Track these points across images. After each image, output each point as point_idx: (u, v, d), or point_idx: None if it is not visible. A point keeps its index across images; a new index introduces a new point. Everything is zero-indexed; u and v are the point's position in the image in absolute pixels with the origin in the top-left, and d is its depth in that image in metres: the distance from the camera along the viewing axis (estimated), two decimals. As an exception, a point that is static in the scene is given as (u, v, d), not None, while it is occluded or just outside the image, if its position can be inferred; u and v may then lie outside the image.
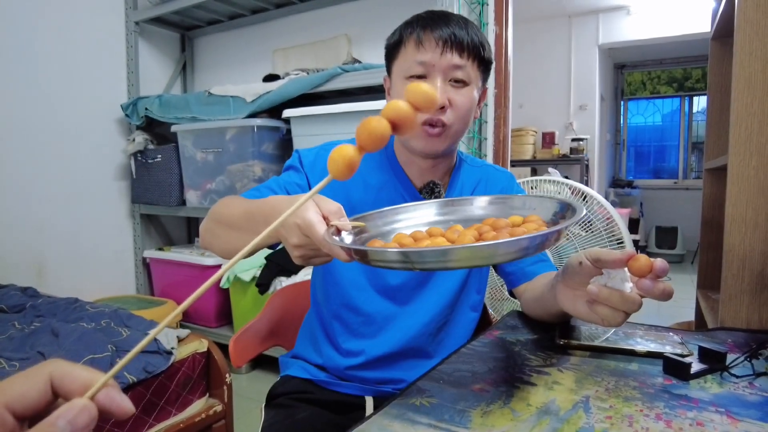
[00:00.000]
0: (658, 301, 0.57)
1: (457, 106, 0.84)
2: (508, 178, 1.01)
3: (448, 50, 0.82)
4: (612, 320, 0.59)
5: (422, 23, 0.84)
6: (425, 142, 0.85)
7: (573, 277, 0.64)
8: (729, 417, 0.54)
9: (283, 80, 2.23)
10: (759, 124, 0.99)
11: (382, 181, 0.92)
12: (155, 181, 2.64)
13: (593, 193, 1.61)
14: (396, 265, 0.52)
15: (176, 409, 1.49)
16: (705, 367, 0.65)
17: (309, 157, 0.93)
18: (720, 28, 1.54)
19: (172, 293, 2.69)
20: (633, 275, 0.58)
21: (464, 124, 0.87)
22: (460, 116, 0.85)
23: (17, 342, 1.46)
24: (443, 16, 0.84)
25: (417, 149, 0.87)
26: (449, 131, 0.85)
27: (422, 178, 0.93)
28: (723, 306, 1.03)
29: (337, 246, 0.54)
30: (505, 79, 2.02)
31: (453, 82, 0.84)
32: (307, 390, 0.93)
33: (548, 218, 0.63)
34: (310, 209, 0.57)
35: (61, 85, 2.46)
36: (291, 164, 0.94)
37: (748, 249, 1.00)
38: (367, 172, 0.92)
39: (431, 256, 0.50)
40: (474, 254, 0.49)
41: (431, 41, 0.82)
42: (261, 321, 1.12)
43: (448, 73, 0.83)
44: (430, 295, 0.93)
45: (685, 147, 6.19)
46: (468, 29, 0.84)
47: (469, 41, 0.83)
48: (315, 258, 0.60)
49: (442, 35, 0.82)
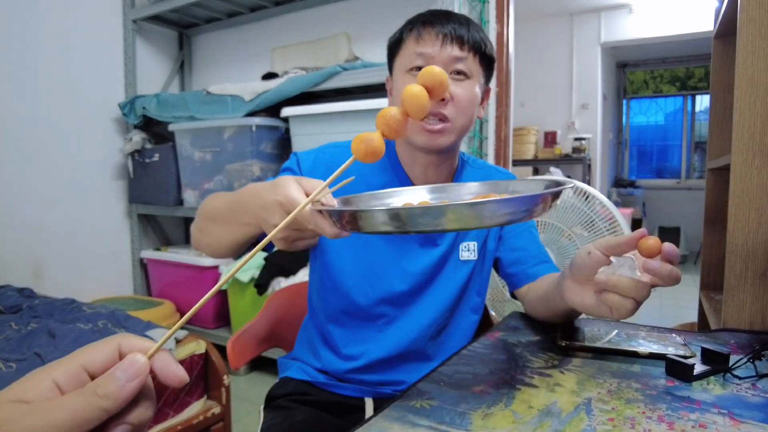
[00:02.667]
0: (666, 285, 0.56)
1: (458, 100, 0.83)
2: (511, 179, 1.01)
3: (448, 44, 0.82)
4: (622, 308, 0.58)
5: (423, 20, 0.84)
6: (427, 137, 0.84)
7: (581, 269, 0.64)
8: (732, 419, 0.54)
9: (282, 79, 2.22)
10: (762, 123, 0.99)
11: (383, 184, 0.91)
12: (153, 180, 2.63)
13: (595, 192, 1.60)
14: (387, 227, 0.50)
15: (174, 410, 1.49)
16: (708, 369, 0.65)
17: (308, 160, 0.91)
18: (723, 26, 1.53)
19: (170, 294, 2.68)
20: (642, 255, 0.58)
21: (467, 119, 0.86)
22: (461, 110, 0.84)
23: (14, 343, 1.46)
24: (445, 14, 0.84)
25: (419, 144, 0.85)
26: (452, 126, 0.84)
27: (425, 179, 0.92)
28: (726, 307, 1.02)
29: (323, 219, 0.53)
30: (506, 77, 2.01)
31: (454, 75, 0.83)
32: (306, 392, 0.92)
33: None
34: (292, 186, 0.55)
35: (58, 83, 2.45)
36: (288, 167, 0.93)
37: (752, 249, 0.99)
38: (369, 174, 0.91)
39: (424, 215, 0.49)
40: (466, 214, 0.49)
41: (431, 35, 0.82)
42: (259, 322, 1.11)
43: (449, 66, 0.82)
44: (431, 299, 0.92)
45: (687, 146, 6.19)
46: (469, 27, 0.84)
47: (470, 37, 0.83)
48: (299, 240, 0.58)
49: (442, 30, 0.82)
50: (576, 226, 1.60)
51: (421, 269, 0.91)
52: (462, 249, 0.93)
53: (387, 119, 0.45)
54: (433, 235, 0.91)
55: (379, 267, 0.90)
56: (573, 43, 4.93)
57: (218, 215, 0.72)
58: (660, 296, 4.06)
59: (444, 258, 0.92)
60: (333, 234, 0.53)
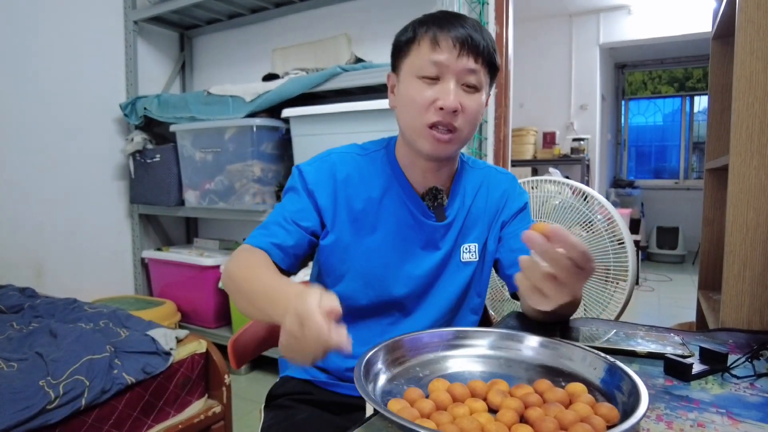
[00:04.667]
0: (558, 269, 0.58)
1: (468, 112, 0.83)
2: (510, 180, 1.01)
3: (464, 53, 0.80)
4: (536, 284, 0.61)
5: (438, 23, 0.82)
6: (434, 146, 0.84)
7: (523, 279, 0.64)
8: (730, 418, 0.54)
9: (283, 80, 2.22)
10: (760, 124, 0.99)
11: (383, 188, 0.91)
12: (154, 181, 2.63)
13: (594, 193, 1.60)
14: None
15: (175, 410, 1.49)
16: (706, 368, 0.65)
17: (311, 173, 0.90)
18: (721, 27, 1.53)
19: (171, 293, 2.68)
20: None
21: (473, 129, 0.86)
22: (469, 121, 0.84)
23: (15, 342, 1.46)
24: (459, 18, 0.83)
25: (424, 151, 0.85)
26: (459, 136, 0.84)
27: (424, 183, 0.91)
28: (724, 307, 1.03)
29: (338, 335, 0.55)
30: (505, 78, 2.02)
31: (465, 87, 0.82)
32: (307, 391, 0.93)
33: (597, 378, 0.61)
34: (313, 301, 0.56)
35: (59, 84, 2.45)
36: (292, 185, 0.92)
37: (750, 249, 1.00)
38: (369, 178, 0.91)
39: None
40: None
41: (448, 41, 0.80)
42: (260, 322, 1.11)
43: (462, 77, 0.82)
44: (433, 300, 0.92)
45: (686, 147, 6.19)
46: (482, 33, 0.83)
47: (484, 45, 0.82)
48: (296, 352, 0.58)
49: (458, 36, 0.80)
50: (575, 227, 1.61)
51: (423, 272, 0.91)
52: (463, 251, 0.93)
53: None
54: (436, 238, 0.92)
55: (381, 271, 0.90)
56: (572, 44, 4.93)
57: (253, 300, 0.72)
58: (659, 296, 4.07)
59: (446, 260, 0.92)
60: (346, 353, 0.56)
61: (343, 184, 0.89)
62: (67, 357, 1.30)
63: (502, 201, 0.97)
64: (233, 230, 2.98)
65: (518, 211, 0.97)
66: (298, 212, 0.88)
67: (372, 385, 0.58)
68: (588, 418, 0.50)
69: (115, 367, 1.34)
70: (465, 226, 0.94)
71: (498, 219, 0.96)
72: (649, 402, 0.50)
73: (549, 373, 0.64)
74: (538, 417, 0.52)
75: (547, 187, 1.70)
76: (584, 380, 0.61)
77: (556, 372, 0.64)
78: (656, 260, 5.62)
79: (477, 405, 0.55)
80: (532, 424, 0.51)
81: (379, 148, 0.94)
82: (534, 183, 1.73)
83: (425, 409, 0.53)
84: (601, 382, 0.60)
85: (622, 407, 0.53)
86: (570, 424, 0.50)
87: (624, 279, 1.52)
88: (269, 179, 2.31)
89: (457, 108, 0.81)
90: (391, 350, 0.65)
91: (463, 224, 0.93)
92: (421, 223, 0.90)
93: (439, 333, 0.71)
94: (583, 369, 0.63)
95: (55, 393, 1.19)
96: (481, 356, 0.69)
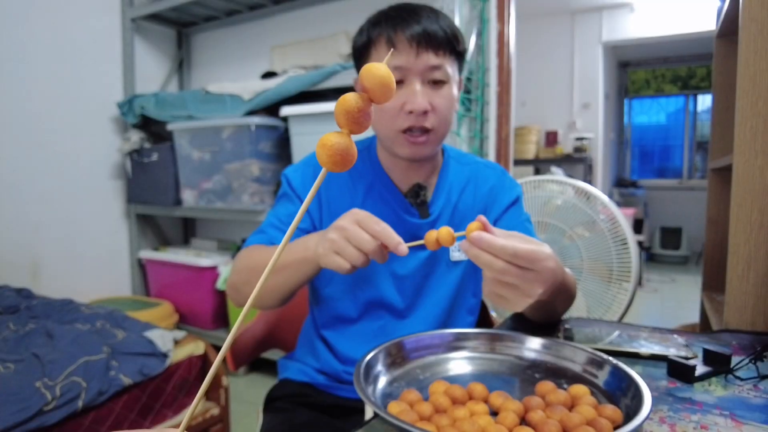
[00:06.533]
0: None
1: (439, 109, 0.81)
2: (499, 174, 0.98)
3: (423, 50, 0.79)
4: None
5: (392, 22, 0.80)
6: (411, 149, 0.83)
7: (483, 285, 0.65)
8: (733, 420, 0.53)
9: (281, 78, 2.21)
10: (764, 123, 0.98)
11: (366, 188, 0.90)
12: (151, 180, 2.62)
13: (597, 192, 1.59)
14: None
15: (172, 412, 1.48)
16: (709, 370, 0.64)
17: (296, 179, 0.92)
18: (725, 26, 1.52)
19: (168, 294, 2.67)
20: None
21: (447, 125, 0.85)
22: (442, 118, 0.83)
23: (11, 343, 1.45)
24: (412, 11, 0.81)
25: (403, 156, 0.85)
26: (434, 135, 0.83)
27: (407, 180, 0.91)
28: (728, 308, 1.01)
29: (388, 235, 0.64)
30: (507, 76, 2.00)
31: (431, 84, 0.81)
32: (305, 393, 0.92)
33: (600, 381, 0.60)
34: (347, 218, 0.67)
35: (55, 82, 2.44)
36: (283, 192, 0.94)
37: (754, 250, 0.99)
38: (351, 179, 0.91)
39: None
40: None
41: (403, 42, 0.78)
42: (258, 324, 1.10)
43: (426, 75, 0.80)
44: (426, 302, 0.91)
45: (689, 146, 6.17)
46: (439, 21, 0.80)
47: (443, 35, 0.80)
48: (341, 252, 0.65)
49: (414, 34, 0.78)
50: (578, 227, 1.60)
51: (410, 271, 0.90)
52: (452, 249, 0.92)
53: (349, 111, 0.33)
54: (420, 236, 0.90)
55: (367, 272, 0.89)
56: (574, 42, 4.92)
57: (260, 273, 0.73)
58: (662, 297, 4.05)
59: (433, 259, 0.91)
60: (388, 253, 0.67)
61: (325, 187, 0.90)
62: (64, 358, 1.29)
63: (491, 197, 0.95)
64: (231, 230, 2.97)
65: (509, 205, 0.95)
66: (292, 215, 0.89)
67: (372, 388, 0.58)
68: (594, 421, 0.50)
69: (113, 368, 1.33)
70: (452, 224, 0.91)
71: (488, 216, 0.94)
72: (652, 404, 0.50)
73: (551, 375, 0.63)
74: (540, 420, 0.51)
75: (550, 187, 1.69)
76: (587, 382, 0.60)
77: (558, 374, 0.64)
78: (659, 261, 5.61)
79: (478, 407, 0.55)
80: (533, 426, 0.51)
81: (361, 148, 0.94)
82: (536, 183, 1.71)
83: (425, 412, 0.53)
84: (603, 384, 0.59)
85: (625, 409, 0.53)
86: (575, 426, 0.49)
87: (627, 280, 1.51)
88: (268, 179, 2.30)
89: (426, 108, 0.79)
90: (391, 352, 0.64)
91: (449, 222, 0.92)
92: (404, 220, 0.89)
93: (440, 335, 0.70)
94: (585, 371, 0.62)
95: (52, 394, 1.18)
96: (483, 358, 0.68)
